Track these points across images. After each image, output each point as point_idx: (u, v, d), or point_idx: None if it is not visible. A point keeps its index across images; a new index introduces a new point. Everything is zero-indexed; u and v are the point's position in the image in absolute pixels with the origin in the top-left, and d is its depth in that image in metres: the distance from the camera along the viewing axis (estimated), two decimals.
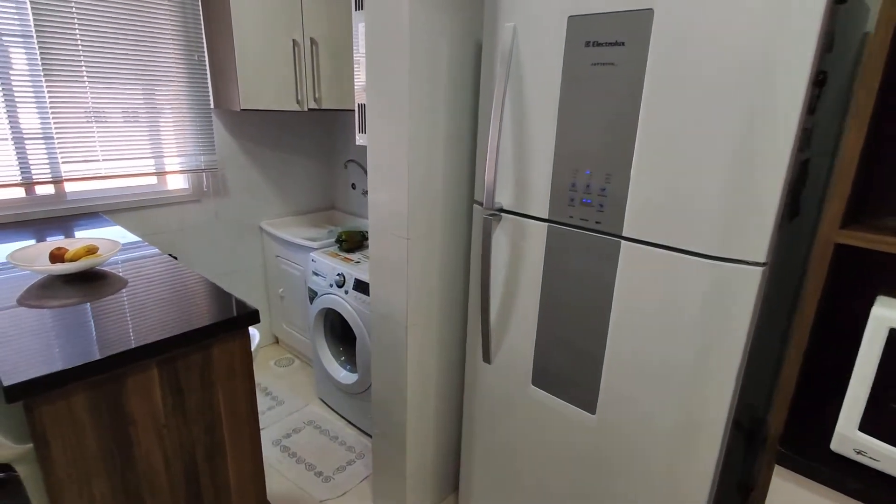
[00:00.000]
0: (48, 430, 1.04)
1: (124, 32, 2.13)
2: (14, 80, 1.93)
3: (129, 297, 1.39)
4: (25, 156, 2.02)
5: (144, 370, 1.16)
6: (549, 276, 1.34)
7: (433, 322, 1.66)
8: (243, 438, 1.41)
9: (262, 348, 3.03)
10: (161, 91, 2.30)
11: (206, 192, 2.57)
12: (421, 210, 1.50)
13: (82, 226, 2.05)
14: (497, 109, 1.27)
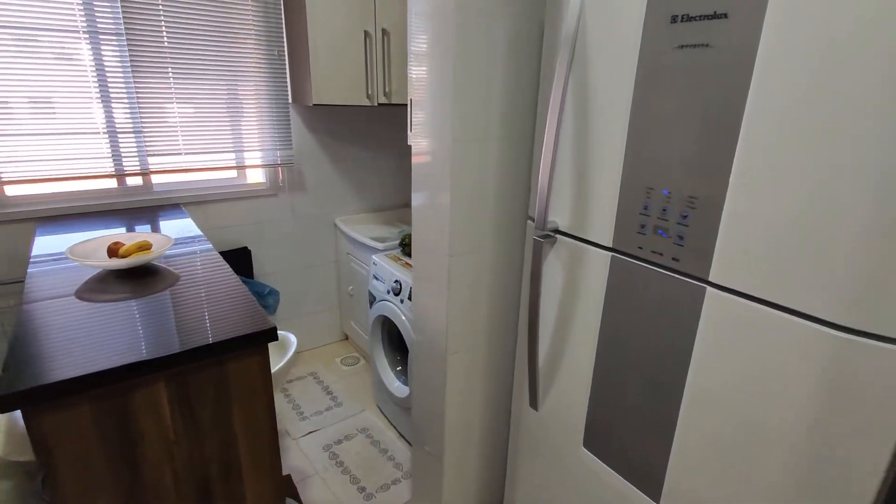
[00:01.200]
0: (50, 440, 1.02)
1: (208, 28, 2.17)
2: (108, 76, 2.04)
3: (169, 297, 1.37)
4: (118, 148, 2.14)
5: (151, 384, 1.11)
6: (610, 317, 1.07)
7: (479, 349, 1.46)
8: (262, 458, 1.33)
9: (330, 345, 3.03)
10: (242, 86, 2.33)
11: (281, 186, 2.58)
12: (467, 222, 1.30)
13: (163, 216, 2.14)
14: (555, 106, 1.02)
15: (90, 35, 1.97)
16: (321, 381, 2.66)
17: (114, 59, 2.03)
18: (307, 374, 2.72)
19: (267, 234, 2.61)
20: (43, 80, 1.92)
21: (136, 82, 2.09)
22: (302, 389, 2.58)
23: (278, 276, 2.70)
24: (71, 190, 2.12)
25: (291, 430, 2.29)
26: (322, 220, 2.77)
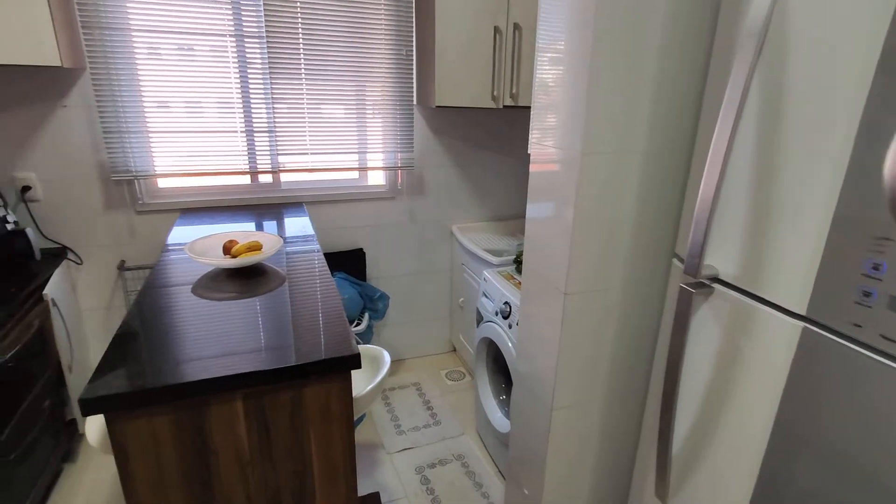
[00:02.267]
0: (130, 449, 1.00)
1: (341, 30, 2.17)
2: (250, 77, 2.13)
3: (270, 301, 1.33)
4: (254, 147, 2.23)
5: (229, 400, 1.04)
6: (798, 408, 0.75)
7: (596, 409, 1.19)
8: (338, 492, 1.22)
9: (437, 356, 2.92)
10: (370, 87, 2.30)
11: (400, 189, 2.52)
12: (593, 253, 1.05)
13: (287, 214, 2.19)
14: (729, 114, 0.73)
15: (237, 38, 2.07)
16: (423, 394, 2.55)
17: (255, 61, 2.11)
18: (410, 383, 2.64)
19: (383, 237, 2.57)
20: (196, 81, 2.06)
21: (273, 84, 2.15)
22: (403, 400, 2.50)
23: (391, 280, 2.65)
24: (210, 184, 2.26)
25: (387, 443, 2.20)
26: (439, 227, 2.66)
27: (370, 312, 2.44)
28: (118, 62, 1.94)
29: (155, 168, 2.11)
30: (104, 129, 1.99)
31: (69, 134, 1.97)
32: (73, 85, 1.93)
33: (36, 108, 1.91)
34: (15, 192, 1.96)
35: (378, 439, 2.22)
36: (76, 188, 2.04)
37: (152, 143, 2.08)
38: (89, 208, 2.08)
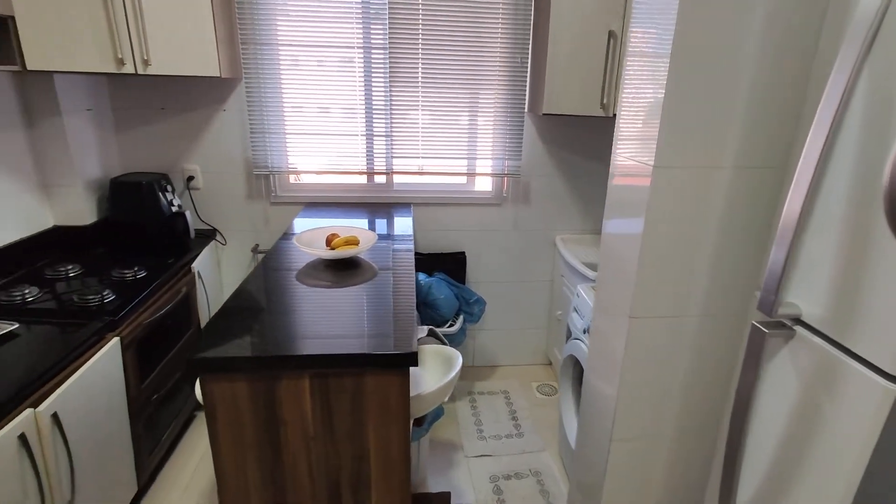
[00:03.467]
0: (216, 406, 1.15)
1: (458, 40, 2.24)
2: (373, 85, 2.30)
3: (357, 292, 1.44)
4: (372, 150, 2.41)
5: (297, 377, 1.15)
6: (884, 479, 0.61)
7: (663, 446, 1.08)
8: (392, 482, 1.27)
9: (531, 367, 2.86)
10: (483, 94, 2.34)
11: (505, 196, 2.52)
12: (664, 276, 0.96)
13: (396, 213, 2.33)
14: (825, 116, 0.63)
15: (364, 50, 2.25)
16: (511, 403, 2.52)
17: (378, 70, 2.28)
18: (500, 390, 2.62)
19: (485, 243, 2.59)
20: (326, 89, 2.29)
21: (392, 91, 2.30)
22: (489, 405, 2.50)
23: (490, 285, 2.67)
24: (331, 182, 2.49)
25: (466, 446, 2.22)
26: (543, 236, 2.61)
27: (465, 315, 2.48)
28: (266, 73, 2.24)
29: (288, 165, 2.39)
30: (251, 130, 2.31)
31: (226, 134, 2.33)
32: (231, 92, 2.28)
33: (203, 112, 2.29)
34: (182, 181, 2.37)
35: (458, 441, 2.25)
36: (227, 180, 2.39)
37: (287, 143, 2.36)
38: (235, 197, 2.42)
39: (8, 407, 1.17)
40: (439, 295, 2.34)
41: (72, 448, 1.37)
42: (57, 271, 1.84)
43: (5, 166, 1.81)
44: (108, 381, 1.54)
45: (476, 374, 2.77)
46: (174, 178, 2.34)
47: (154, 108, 2.26)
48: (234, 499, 1.23)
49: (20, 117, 1.88)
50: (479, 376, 2.74)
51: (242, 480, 1.22)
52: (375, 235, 1.76)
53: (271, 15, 2.16)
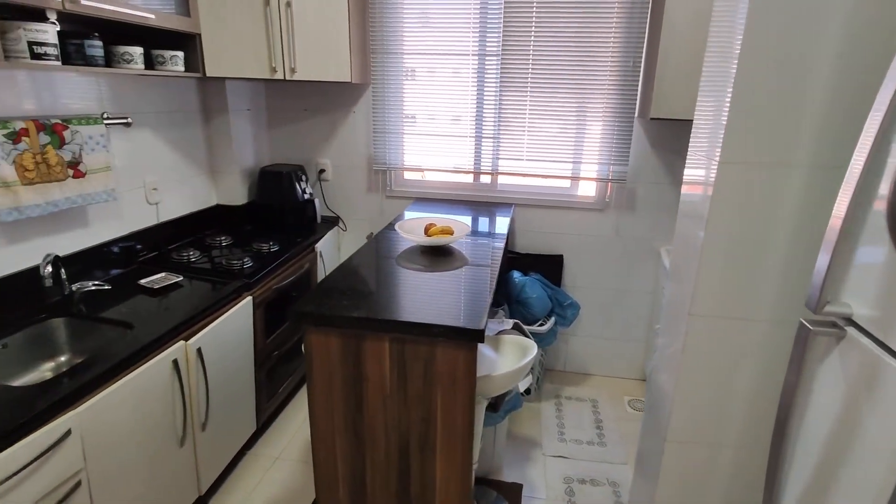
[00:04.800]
0: (313, 355, 1.36)
1: (569, 46, 2.29)
2: (485, 90, 2.45)
3: (444, 276, 1.58)
4: (480, 151, 2.55)
5: (379, 339, 1.32)
6: None
7: (723, 452, 1.05)
8: (455, 450, 1.38)
9: (625, 380, 2.76)
10: (591, 98, 2.36)
11: (608, 202, 2.49)
12: (728, 275, 0.94)
13: (498, 212, 2.43)
14: (874, 122, 0.61)
15: (478, 57, 2.40)
16: (597, 413, 2.48)
17: (490, 76, 2.41)
18: (587, 398, 2.59)
19: (584, 248, 2.59)
20: (441, 94, 2.49)
21: (502, 95, 2.42)
22: (574, 411, 2.48)
23: (586, 291, 2.65)
24: (440, 180, 2.68)
25: (545, 444, 2.24)
26: (646, 246, 2.52)
27: (557, 318, 2.50)
28: (390, 79, 2.50)
29: (403, 162, 2.63)
30: (374, 130, 2.59)
31: (353, 133, 2.63)
32: (360, 96, 2.58)
33: (336, 113, 2.62)
34: (315, 172, 2.73)
35: (538, 438, 2.28)
36: (351, 174, 2.70)
37: (404, 142, 2.60)
38: (356, 190, 2.72)
39: (168, 336, 1.50)
40: (532, 294, 2.39)
41: (209, 379, 1.69)
42: (214, 240, 2.26)
43: (188, 155, 2.28)
44: (240, 332, 1.87)
45: (565, 378, 2.76)
46: (309, 170, 2.70)
47: (298, 109, 2.64)
48: (322, 440, 1.43)
49: (199, 115, 2.35)
50: (568, 381, 2.73)
51: (330, 424, 1.42)
52: (468, 227, 1.89)
53: (398, 27, 2.41)
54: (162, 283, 1.79)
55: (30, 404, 1.14)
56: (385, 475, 1.43)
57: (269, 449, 2.15)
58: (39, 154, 1.50)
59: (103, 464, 1.30)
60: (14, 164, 1.44)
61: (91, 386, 1.26)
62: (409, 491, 1.44)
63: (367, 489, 1.45)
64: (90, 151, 1.66)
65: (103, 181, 1.72)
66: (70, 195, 1.60)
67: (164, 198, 2.15)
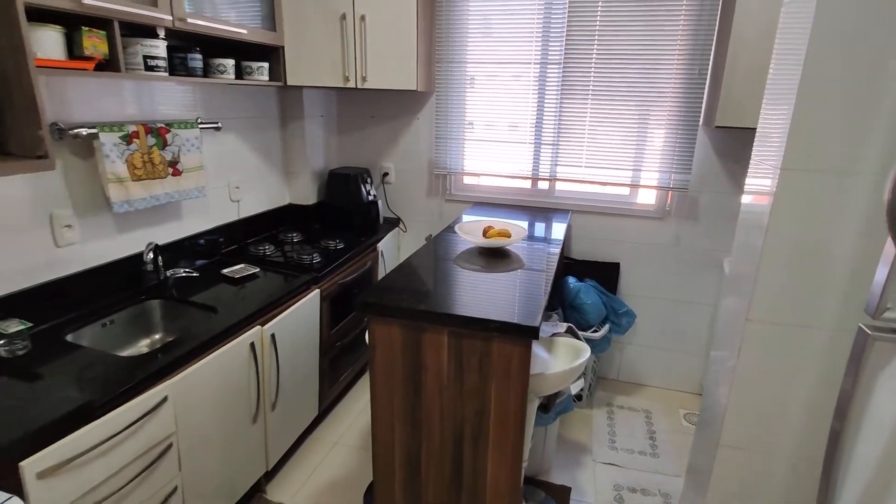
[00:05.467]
0: (377, 344, 1.46)
1: (633, 55, 2.29)
2: (546, 97, 2.49)
3: (500, 277, 1.65)
4: (538, 157, 2.60)
5: (438, 332, 1.40)
6: None
7: (780, 462, 1.05)
8: (506, 443, 1.44)
9: (682, 393, 2.70)
10: (654, 106, 2.35)
11: (668, 211, 2.46)
12: (787, 278, 0.95)
13: (554, 218, 2.47)
14: None
15: (540, 66, 2.45)
16: (651, 424, 2.44)
17: (551, 84, 2.46)
18: (641, 408, 2.56)
19: (642, 256, 2.56)
20: (502, 101, 2.55)
21: (562, 103, 2.46)
22: (627, 420, 2.46)
23: (642, 300, 2.62)
24: (498, 185, 2.74)
25: (595, 450, 2.24)
26: (708, 257, 2.47)
27: (612, 325, 2.49)
28: (453, 87, 2.60)
29: (463, 167, 2.72)
30: (436, 135, 2.70)
31: (416, 138, 2.75)
32: (424, 104, 2.69)
33: (401, 120, 2.75)
34: (379, 176, 2.86)
35: (588, 443, 2.29)
36: (412, 177, 2.82)
37: (464, 148, 2.68)
38: (417, 193, 2.84)
39: (247, 321, 1.65)
40: (587, 300, 2.40)
41: (280, 362, 1.84)
42: (286, 236, 2.44)
43: (266, 157, 2.47)
44: (308, 321, 2.01)
45: (619, 387, 2.73)
46: (373, 173, 2.85)
47: (365, 116, 2.79)
48: (382, 423, 1.53)
49: (278, 121, 2.54)
50: (621, 391, 2.71)
51: (389, 410, 1.51)
52: (525, 231, 1.94)
53: (463, 37, 2.51)
54: (241, 273, 1.96)
55: (135, 372, 1.30)
56: (439, 462, 1.51)
57: (329, 434, 2.28)
58: (146, 154, 1.70)
59: (191, 431, 1.46)
60: (126, 163, 1.64)
61: (184, 360, 1.42)
62: (461, 479, 1.50)
63: (422, 474, 1.54)
64: (186, 152, 1.86)
65: (196, 179, 1.91)
66: (169, 191, 1.80)
67: (244, 196, 2.34)
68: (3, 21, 1.04)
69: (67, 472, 1.11)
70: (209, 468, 1.56)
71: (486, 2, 2.43)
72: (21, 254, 1.46)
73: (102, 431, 1.18)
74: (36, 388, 1.21)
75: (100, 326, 1.60)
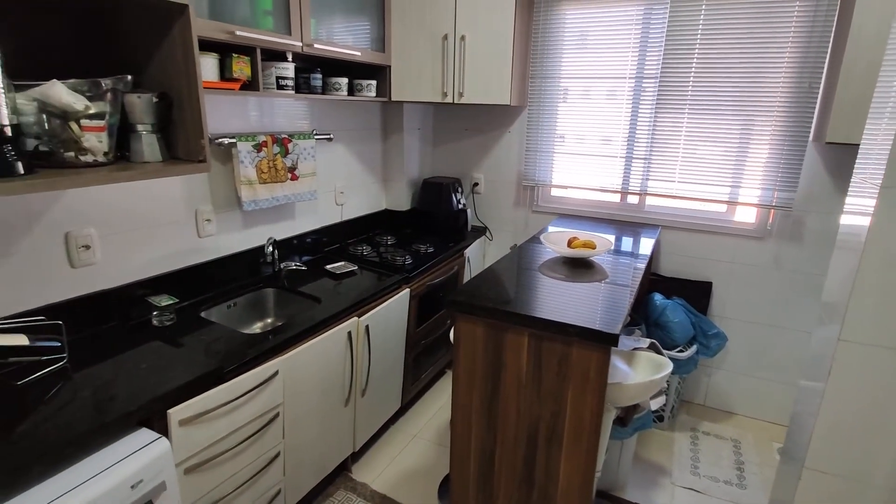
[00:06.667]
0: (460, 340, 1.57)
1: (736, 68, 2.23)
2: (639, 112, 2.49)
3: (583, 287, 1.70)
4: (629, 171, 2.59)
5: (519, 333, 1.48)
6: None
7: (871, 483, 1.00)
8: (580, 447, 1.48)
9: (777, 426, 2.52)
10: (757, 120, 2.26)
11: (769, 231, 2.34)
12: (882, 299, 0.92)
13: (643, 233, 2.44)
14: None
15: (635, 80, 2.46)
16: (739, 454, 2.32)
17: (646, 98, 2.45)
18: (729, 437, 2.43)
19: (737, 277, 2.45)
20: (594, 115, 2.58)
21: (657, 117, 2.44)
22: (712, 448, 2.35)
23: (735, 323, 2.50)
24: (585, 198, 2.76)
25: (675, 474, 2.18)
26: (811, 282, 2.31)
27: (700, 346, 2.41)
28: (545, 101, 2.67)
29: (552, 180, 2.77)
30: (526, 148, 2.78)
31: (507, 151, 2.86)
32: (516, 117, 2.79)
33: (493, 133, 2.87)
34: (469, 185, 3.00)
35: (668, 466, 2.22)
36: (501, 188, 2.92)
37: (554, 160, 2.74)
38: (505, 204, 2.93)
39: (346, 312, 1.84)
40: (673, 318, 2.35)
41: (372, 353, 2.01)
42: (381, 239, 2.64)
43: (368, 166, 2.70)
44: (398, 318, 2.17)
45: (705, 413, 2.62)
46: (464, 183, 2.99)
47: (459, 129, 2.95)
48: (461, 414, 1.63)
49: (380, 133, 2.76)
50: (708, 416, 2.59)
51: (468, 404, 1.61)
52: (611, 244, 1.96)
53: (558, 53, 2.58)
54: (342, 269, 2.17)
55: (253, 348, 1.52)
56: (512, 458, 1.58)
57: (410, 427, 2.43)
58: (272, 160, 1.97)
59: (294, 404, 1.66)
60: (255, 168, 1.91)
61: (293, 340, 1.62)
62: (533, 477, 1.56)
63: (496, 468, 1.61)
64: (303, 160, 2.11)
65: (309, 184, 2.16)
66: (287, 193, 2.06)
67: (347, 200, 2.58)
68: (182, 51, 1.30)
69: (201, 423, 1.33)
70: (306, 440, 1.75)
71: (585, 18, 2.48)
72: (174, 242, 1.76)
73: (228, 393, 1.39)
74: (179, 352, 1.45)
75: (226, 307, 1.87)
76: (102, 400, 1.19)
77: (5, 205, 1.33)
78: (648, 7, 2.34)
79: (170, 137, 1.41)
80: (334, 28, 2.03)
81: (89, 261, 1.52)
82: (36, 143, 1.20)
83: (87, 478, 1.05)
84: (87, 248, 1.50)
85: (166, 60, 1.34)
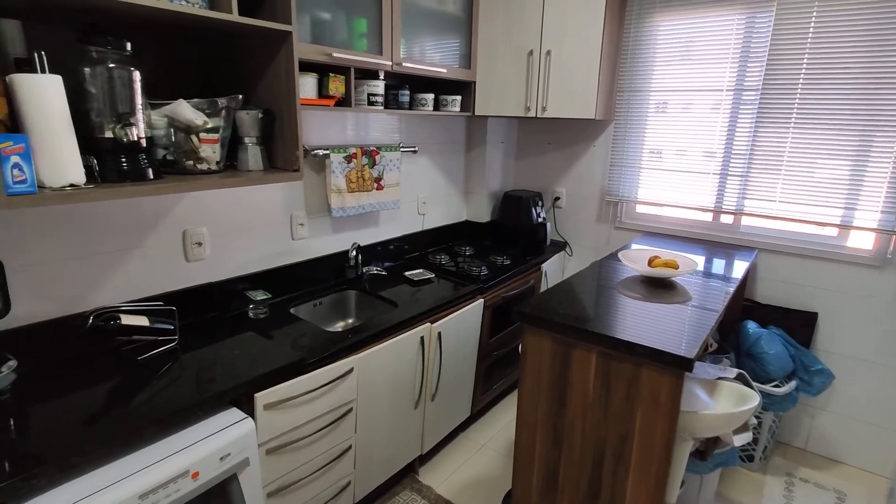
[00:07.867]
0: (528, 351, 1.58)
1: (853, 77, 2.03)
2: (738, 126, 2.34)
3: (663, 308, 1.64)
4: (723, 189, 2.43)
5: (587, 350, 1.45)
6: None
7: None
8: (649, 474, 1.41)
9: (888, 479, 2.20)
10: (878, 135, 2.03)
11: (889, 259, 2.08)
12: None
13: (737, 256, 2.28)
14: None
15: (734, 92, 2.31)
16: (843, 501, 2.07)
17: (746, 111, 2.29)
18: (832, 488, 2.17)
19: (849, 309, 2.20)
20: (686, 130, 2.46)
21: (756, 132, 2.27)
22: (810, 496, 2.12)
23: (845, 360, 2.23)
24: (673, 216, 2.63)
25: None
26: None
27: (800, 383, 2.19)
28: (633, 115, 2.59)
29: (637, 196, 2.68)
30: (611, 163, 2.71)
31: (590, 165, 2.81)
32: (602, 131, 2.74)
33: (577, 147, 2.83)
34: (550, 199, 2.98)
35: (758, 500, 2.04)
36: (583, 203, 2.87)
37: (640, 177, 2.65)
38: (587, 218, 2.88)
39: (420, 318, 1.91)
40: (769, 349, 2.16)
41: (443, 359, 2.07)
42: (460, 249, 2.71)
43: (450, 178, 2.79)
44: (470, 327, 2.21)
45: (804, 458, 2.36)
46: (545, 197, 2.97)
47: (542, 143, 2.94)
48: (526, 427, 1.63)
49: (463, 146, 2.84)
50: (807, 462, 2.33)
51: (533, 416, 1.61)
52: (696, 265, 1.86)
53: (649, 65, 2.50)
54: (420, 276, 2.26)
55: (333, 344, 1.63)
56: (576, 477, 1.55)
57: (478, 436, 2.45)
58: (360, 171, 2.11)
59: (367, 401, 1.75)
60: (345, 177, 2.06)
61: (369, 340, 1.72)
62: (598, 498, 1.52)
63: (559, 485, 1.59)
64: (389, 171, 2.23)
65: (394, 194, 2.28)
66: (373, 202, 2.19)
67: (429, 210, 2.68)
68: (284, 73, 1.46)
69: (283, 409, 1.46)
70: (377, 437, 1.84)
71: (680, 28, 2.39)
72: (272, 243, 1.94)
73: (308, 384, 1.51)
74: (269, 343, 1.60)
75: (312, 305, 2.02)
76: (203, 380, 1.35)
77: (139, 205, 1.56)
78: (751, 14, 2.20)
79: (271, 149, 1.58)
80: (423, 47, 2.14)
81: (201, 256, 1.73)
82: (164, 152, 1.40)
83: (186, 445, 1.20)
84: (199, 245, 1.71)
85: (272, 80, 1.51)
